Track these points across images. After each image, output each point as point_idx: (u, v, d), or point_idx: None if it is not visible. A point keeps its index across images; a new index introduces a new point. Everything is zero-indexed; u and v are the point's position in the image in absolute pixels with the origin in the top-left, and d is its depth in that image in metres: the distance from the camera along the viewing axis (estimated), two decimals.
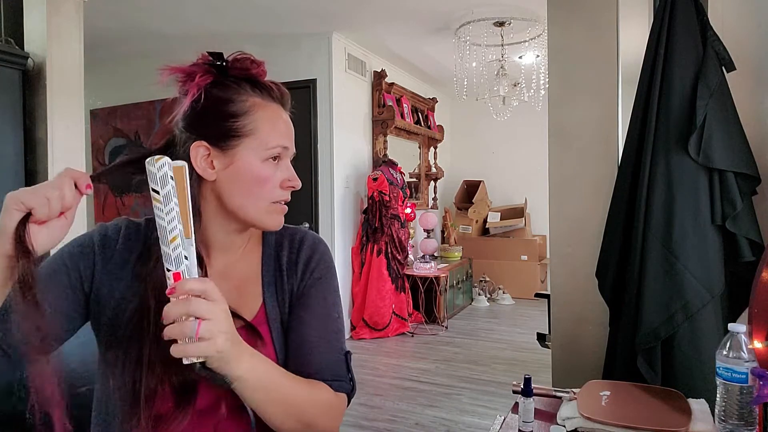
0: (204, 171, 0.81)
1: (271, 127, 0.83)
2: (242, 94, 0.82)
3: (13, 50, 2.06)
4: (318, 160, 4.21)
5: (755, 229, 1.33)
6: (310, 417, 0.81)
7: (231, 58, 0.83)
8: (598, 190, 1.69)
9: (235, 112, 0.81)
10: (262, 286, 0.89)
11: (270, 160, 0.83)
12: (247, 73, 0.83)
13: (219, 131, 0.81)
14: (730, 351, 0.95)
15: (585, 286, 1.68)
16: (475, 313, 5.36)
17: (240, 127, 0.81)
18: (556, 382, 1.76)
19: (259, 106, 0.83)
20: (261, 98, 0.84)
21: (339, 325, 0.92)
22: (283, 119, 0.86)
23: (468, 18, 3.79)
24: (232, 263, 0.89)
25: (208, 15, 3.69)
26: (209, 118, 0.81)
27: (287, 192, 0.85)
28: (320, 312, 0.89)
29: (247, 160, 0.81)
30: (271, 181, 0.83)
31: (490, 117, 4.92)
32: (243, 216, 0.84)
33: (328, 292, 0.92)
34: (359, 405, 3.03)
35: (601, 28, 1.74)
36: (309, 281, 0.90)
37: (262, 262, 0.91)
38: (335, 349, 0.89)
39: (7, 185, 2.02)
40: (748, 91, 1.45)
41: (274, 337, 0.86)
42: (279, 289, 0.89)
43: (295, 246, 0.92)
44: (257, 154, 0.82)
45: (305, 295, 0.89)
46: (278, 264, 0.91)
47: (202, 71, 0.81)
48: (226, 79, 0.82)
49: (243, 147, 0.81)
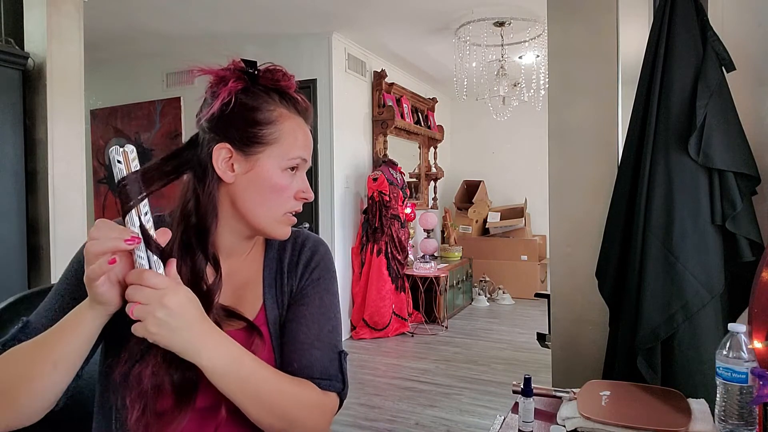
0: (224, 173, 0.83)
1: (293, 139, 0.85)
2: (270, 103, 0.84)
3: (13, 50, 2.05)
4: (318, 160, 4.21)
5: (755, 229, 1.33)
6: (293, 415, 0.80)
7: (263, 68, 0.85)
8: (598, 190, 1.69)
9: (262, 120, 0.83)
10: (263, 288, 0.89)
11: (288, 170, 0.85)
12: (278, 84, 0.85)
13: (244, 136, 0.83)
14: (730, 351, 0.95)
15: (585, 286, 1.68)
16: (475, 313, 5.36)
17: (265, 135, 0.83)
18: (556, 382, 1.77)
19: (285, 117, 0.85)
20: (287, 110, 0.86)
21: (334, 323, 0.91)
22: (304, 132, 0.88)
23: (468, 18, 3.79)
24: (235, 266, 0.90)
25: (208, 15, 3.69)
26: (236, 123, 0.82)
27: (299, 203, 0.87)
28: (316, 311, 0.89)
29: (267, 167, 0.83)
30: (288, 191, 0.85)
31: (490, 117, 4.92)
32: (253, 222, 0.85)
33: (325, 292, 0.92)
34: (359, 405, 3.03)
35: (601, 28, 1.74)
36: (307, 281, 0.91)
37: (264, 264, 0.92)
38: (328, 347, 0.88)
39: (7, 185, 2.02)
40: (748, 91, 1.45)
41: (273, 338, 0.87)
42: (279, 291, 0.90)
43: (297, 248, 0.93)
44: (278, 163, 0.84)
45: (303, 294, 0.90)
46: (280, 266, 0.92)
47: (234, 77, 0.82)
48: (256, 87, 0.84)
49: (265, 155, 0.83)
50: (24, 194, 2.08)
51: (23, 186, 2.08)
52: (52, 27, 2.13)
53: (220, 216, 0.85)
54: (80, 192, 2.25)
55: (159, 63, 4.65)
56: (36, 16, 2.14)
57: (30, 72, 2.12)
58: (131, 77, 4.83)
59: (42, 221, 2.12)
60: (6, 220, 2.01)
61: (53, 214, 2.11)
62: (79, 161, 2.25)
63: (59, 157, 2.14)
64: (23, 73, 2.10)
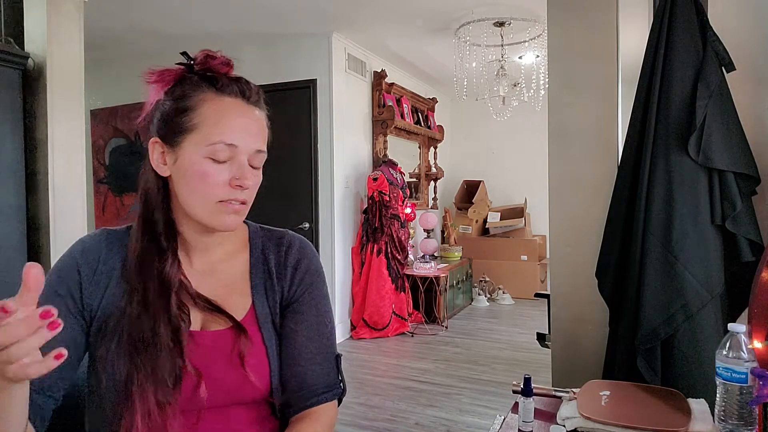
0: (159, 167, 0.83)
1: (215, 122, 0.80)
2: (197, 90, 0.81)
3: (13, 50, 2.05)
4: (318, 160, 4.21)
5: (755, 230, 1.33)
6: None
7: (197, 56, 0.83)
8: (598, 190, 1.69)
9: (184, 108, 0.81)
10: (251, 288, 0.89)
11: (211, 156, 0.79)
12: (205, 67, 0.83)
13: (168, 127, 0.82)
14: (730, 351, 0.95)
15: (585, 286, 1.68)
16: (475, 313, 5.36)
17: (185, 122, 0.80)
18: (556, 382, 1.77)
19: (209, 101, 0.81)
20: (216, 93, 0.81)
21: (331, 328, 0.93)
22: (235, 115, 0.81)
23: (468, 18, 3.79)
24: (216, 263, 0.90)
25: (208, 15, 3.69)
26: (162, 115, 0.83)
27: (236, 191, 0.81)
28: (313, 322, 0.90)
29: (189, 155, 0.80)
30: (213, 178, 0.79)
31: (490, 117, 4.92)
32: (191, 213, 0.83)
33: (319, 299, 0.93)
34: (359, 405, 3.03)
35: (601, 28, 1.74)
36: (300, 288, 0.91)
37: (251, 264, 0.91)
38: (328, 359, 0.91)
39: (7, 185, 2.02)
40: (748, 91, 1.45)
41: (265, 338, 0.86)
42: (269, 291, 0.90)
43: (282, 249, 0.93)
44: (199, 150, 0.79)
45: (298, 302, 0.90)
46: (266, 267, 0.91)
47: (171, 72, 0.83)
48: (190, 77, 0.83)
49: (187, 142, 0.80)
50: (24, 194, 2.08)
51: (23, 186, 2.08)
52: (52, 27, 2.13)
53: (176, 211, 0.85)
54: (80, 192, 2.25)
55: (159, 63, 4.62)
56: (36, 16, 2.14)
57: (30, 72, 2.12)
58: (131, 77, 4.79)
59: (42, 221, 2.12)
60: (6, 219, 2.01)
61: (53, 214, 2.11)
62: (79, 161, 2.25)
63: (59, 157, 2.13)
64: (23, 73, 2.10)
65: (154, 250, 0.82)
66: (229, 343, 0.83)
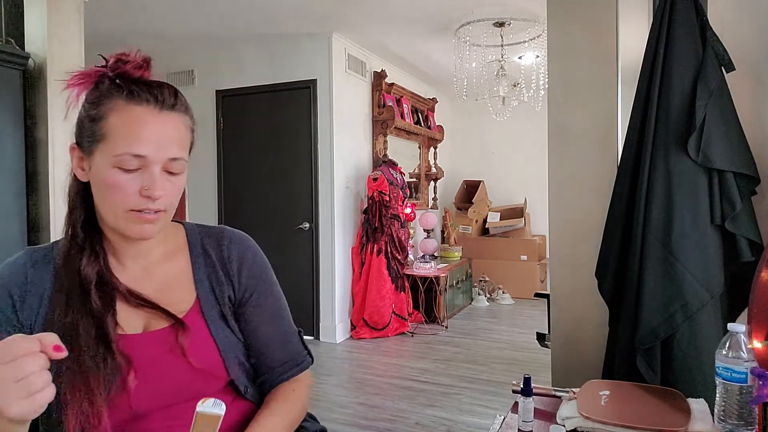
0: (77, 172, 0.84)
1: (123, 134, 0.78)
2: (107, 97, 0.79)
3: (13, 50, 2.06)
4: (318, 160, 4.21)
5: (755, 229, 1.33)
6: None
7: (111, 58, 0.81)
8: (598, 190, 1.70)
9: (93, 116, 0.80)
10: (195, 283, 0.90)
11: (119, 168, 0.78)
12: (117, 71, 0.80)
13: (82, 134, 0.82)
14: (730, 351, 0.95)
15: (585, 286, 1.68)
16: (475, 313, 5.37)
17: (96, 131, 0.79)
18: (556, 381, 1.77)
19: (117, 110, 0.79)
20: (125, 101, 0.79)
21: (287, 311, 0.99)
22: (148, 123, 0.79)
23: (468, 18, 3.80)
24: (154, 264, 0.90)
25: (208, 15, 3.69)
26: (78, 122, 0.83)
27: (146, 201, 0.79)
28: (274, 308, 0.97)
29: (99, 164, 0.80)
30: (121, 188, 0.78)
31: (490, 117, 4.92)
32: (107, 222, 0.83)
33: (272, 285, 0.98)
34: (359, 405, 3.03)
35: (600, 28, 1.74)
36: (251, 281, 0.94)
37: (192, 261, 0.92)
38: (291, 336, 0.98)
39: (7, 185, 2.02)
40: (748, 91, 1.45)
41: (212, 329, 0.88)
42: (215, 284, 0.91)
43: (222, 244, 0.95)
44: (107, 160, 0.78)
45: (255, 294, 0.94)
46: (209, 261, 0.93)
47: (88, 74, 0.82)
48: (102, 82, 0.81)
49: (98, 151, 0.79)
50: (25, 194, 2.08)
51: (24, 186, 2.08)
52: (53, 27, 2.13)
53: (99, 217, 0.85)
54: None
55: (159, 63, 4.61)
56: (36, 16, 2.14)
57: (30, 72, 2.12)
58: None
59: (43, 221, 2.12)
60: (7, 219, 2.01)
61: (54, 214, 2.12)
62: None
63: (60, 157, 2.14)
64: (24, 73, 2.10)
65: (76, 249, 0.83)
66: (172, 339, 0.83)
